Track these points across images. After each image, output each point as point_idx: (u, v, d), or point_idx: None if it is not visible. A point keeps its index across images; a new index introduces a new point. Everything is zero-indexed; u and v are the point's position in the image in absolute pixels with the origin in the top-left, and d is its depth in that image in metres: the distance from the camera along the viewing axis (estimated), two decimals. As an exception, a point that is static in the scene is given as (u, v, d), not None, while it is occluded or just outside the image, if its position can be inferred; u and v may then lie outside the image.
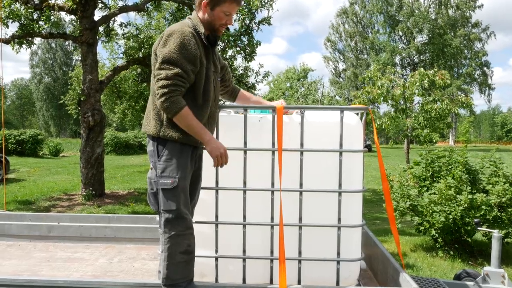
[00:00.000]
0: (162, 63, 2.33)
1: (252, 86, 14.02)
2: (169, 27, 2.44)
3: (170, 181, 2.38)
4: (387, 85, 12.70)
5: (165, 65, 2.32)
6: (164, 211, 2.42)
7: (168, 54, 2.32)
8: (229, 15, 2.49)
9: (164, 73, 2.31)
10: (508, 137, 70.24)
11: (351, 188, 2.78)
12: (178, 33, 2.35)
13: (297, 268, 2.81)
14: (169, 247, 2.43)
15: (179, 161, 2.41)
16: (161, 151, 2.42)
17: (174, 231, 2.42)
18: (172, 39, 2.34)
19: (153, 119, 2.45)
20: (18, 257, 3.65)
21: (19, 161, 19.76)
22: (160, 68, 2.34)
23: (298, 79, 40.68)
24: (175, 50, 2.32)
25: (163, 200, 2.41)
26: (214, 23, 2.48)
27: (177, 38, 2.34)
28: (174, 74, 2.30)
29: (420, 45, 42.09)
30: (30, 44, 10.23)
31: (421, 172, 6.41)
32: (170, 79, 2.30)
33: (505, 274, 3.44)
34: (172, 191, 2.39)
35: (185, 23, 2.47)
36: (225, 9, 2.45)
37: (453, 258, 5.83)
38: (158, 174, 2.41)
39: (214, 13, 2.46)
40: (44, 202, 9.92)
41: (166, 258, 2.44)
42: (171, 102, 2.30)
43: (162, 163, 2.41)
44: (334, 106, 2.83)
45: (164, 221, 2.43)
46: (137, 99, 16.97)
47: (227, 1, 2.44)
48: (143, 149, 29.97)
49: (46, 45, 60.02)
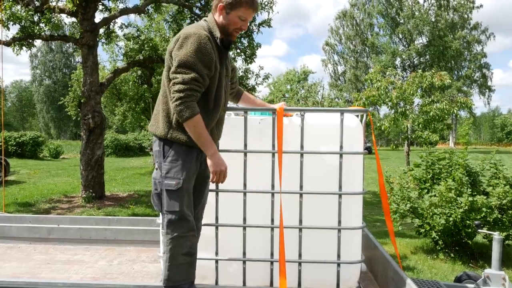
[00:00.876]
0: (178, 67, 2.31)
1: (252, 88, 14.05)
2: (185, 29, 2.42)
3: (174, 182, 2.38)
4: (385, 87, 12.73)
5: (182, 69, 2.31)
6: (168, 212, 2.42)
7: (185, 57, 2.30)
8: (244, 20, 2.48)
9: (181, 77, 2.30)
10: (508, 139, 70.20)
11: (351, 190, 2.78)
12: (194, 36, 2.33)
13: (297, 270, 2.81)
14: (171, 248, 2.43)
15: (184, 162, 2.41)
16: (167, 152, 2.42)
17: (177, 233, 2.42)
18: (188, 42, 2.33)
19: (162, 120, 2.44)
20: (18, 259, 3.64)
21: (19, 163, 19.76)
22: (176, 72, 2.32)
23: (299, 81, 40.70)
24: (191, 53, 2.31)
25: (167, 201, 2.41)
26: (229, 27, 2.46)
27: (194, 41, 2.32)
28: (190, 79, 2.29)
29: (420, 47, 42.15)
30: (30, 46, 10.24)
31: (421, 174, 6.41)
32: (187, 83, 2.29)
33: (505, 276, 3.43)
34: (176, 192, 2.39)
35: (201, 26, 2.45)
36: (240, 13, 2.44)
37: (453, 261, 5.82)
38: (163, 175, 2.41)
39: (229, 17, 2.44)
40: (44, 204, 9.91)
41: (168, 259, 2.44)
42: (186, 107, 2.29)
43: (167, 164, 2.41)
44: (334, 108, 2.83)
45: (167, 222, 2.43)
46: (138, 101, 16.99)
47: (243, 6, 2.43)
48: (143, 151, 29.98)
49: (46, 47, 60.11)
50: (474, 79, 44.36)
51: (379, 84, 12.83)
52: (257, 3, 2.52)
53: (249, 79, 14.31)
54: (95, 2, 9.80)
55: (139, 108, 17.21)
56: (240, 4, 2.42)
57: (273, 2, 11.42)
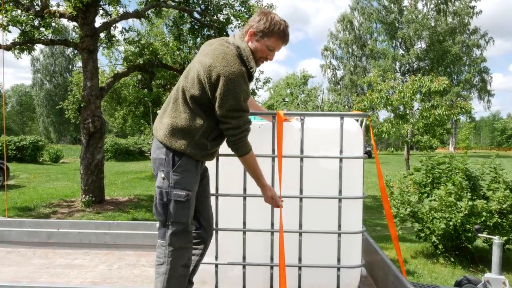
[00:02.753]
0: (228, 111, 2.29)
1: (253, 92, 14.07)
2: (224, 61, 2.28)
3: (184, 193, 2.34)
4: (385, 91, 12.77)
5: (231, 113, 2.29)
6: (174, 223, 2.37)
7: (233, 102, 2.27)
8: (272, 50, 2.43)
9: (234, 123, 2.32)
10: (508, 143, 70.21)
11: (351, 194, 2.78)
12: (237, 76, 2.27)
13: (297, 274, 2.81)
14: (172, 260, 2.38)
15: (193, 174, 2.41)
16: (176, 162, 2.36)
17: (179, 244, 2.39)
18: (234, 84, 2.26)
19: (183, 135, 2.36)
20: (18, 264, 3.63)
21: (19, 168, 19.74)
22: (227, 116, 2.30)
23: (298, 86, 40.75)
24: (238, 97, 2.28)
25: (174, 212, 2.36)
26: (256, 54, 2.42)
27: (238, 82, 2.27)
28: (243, 123, 2.34)
29: (419, 52, 42.23)
30: (30, 50, 10.27)
31: (421, 179, 6.41)
32: (240, 127, 2.34)
33: (505, 280, 3.43)
34: (183, 203, 2.36)
35: (236, 55, 2.35)
36: (269, 43, 2.39)
37: (453, 265, 5.81)
38: (171, 185, 2.35)
39: (258, 44, 2.39)
40: (44, 208, 9.90)
41: (168, 271, 2.38)
42: (240, 147, 2.39)
43: (177, 175, 2.35)
44: (334, 112, 2.84)
45: (170, 233, 2.37)
46: (137, 105, 17.02)
47: (274, 36, 2.38)
48: (143, 155, 29.95)
49: (48, 51, 60.24)
50: (473, 83, 44.41)
51: (379, 87, 12.87)
52: (288, 36, 2.44)
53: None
54: (95, 6, 9.83)
55: (139, 112, 17.24)
56: (271, 34, 2.38)
57: (273, 7, 11.46)
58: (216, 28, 10.68)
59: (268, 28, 2.36)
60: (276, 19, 2.39)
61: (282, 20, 2.41)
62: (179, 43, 12.50)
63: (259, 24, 2.38)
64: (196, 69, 2.36)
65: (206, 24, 11.06)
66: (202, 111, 2.36)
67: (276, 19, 2.39)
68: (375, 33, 45.38)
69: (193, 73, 2.36)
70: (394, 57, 41.75)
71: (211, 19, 10.95)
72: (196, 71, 2.35)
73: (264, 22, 2.37)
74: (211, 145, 2.43)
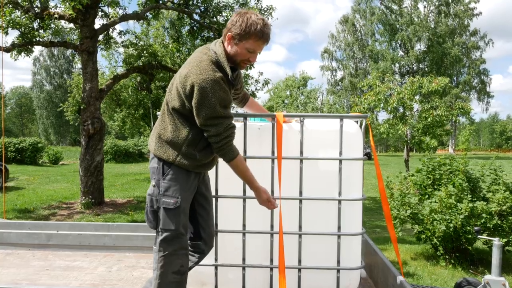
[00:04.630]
0: (206, 119, 2.27)
1: (252, 94, 14.10)
2: (197, 70, 2.26)
3: (173, 201, 2.35)
4: (384, 93, 12.78)
5: (210, 121, 2.27)
6: (163, 230, 2.38)
7: (209, 110, 2.24)
8: (253, 52, 2.36)
9: (213, 130, 2.29)
10: (508, 145, 70.32)
11: (351, 196, 2.78)
12: (211, 83, 2.22)
13: (297, 276, 2.80)
14: (162, 265, 2.39)
15: (183, 182, 2.40)
16: (166, 170, 2.39)
17: (168, 250, 2.39)
18: (207, 92, 2.22)
19: (170, 147, 2.38)
20: (17, 266, 3.63)
21: (18, 169, 19.73)
22: (206, 124, 2.28)
23: (298, 87, 40.83)
24: (214, 104, 2.24)
25: (163, 219, 2.37)
26: (236, 58, 2.37)
27: (212, 89, 2.23)
28: (224, 129, 2.30)
29: (419, 53, 42.29)
30: (29, 52, 10.27)
31: (422, 180, 6.41)
32: (220, 134, 2.30)
33: (505, 282, 3.43)
34: (173, 211, 2.36)
35: (211, 62, 2.31)
36: (248, 45, 2.32)
37: (453, 267, 5.81)
38: (161, 193, 2.37)
39: (237, 48, 2.33)
40: (43, 210, 9.89)
41: (158, 276, 2.40)
42: (225, 152, 2.35)
43: (166, 182, 2.37)
44: (334, 114, 2.83)
45: (160, 240, 2.39)
46: (137, 107, 17.04)
47: (251, 38, 2.29)
48: (143, 157, 29.97)
49: (49, 52, 60.25)
50: (472, 85, 44.48)
51: (378, 89, 12.89)
52: (268, 34, 2.34)
53: (248, 85, 14.37)
54: (95, 8, 9.84)
55: (138, 114, 17.26)
56: (249, 35, 2.29)
57: (273, 8, 11.48)
58: (216, 30, 10.70)
59: (245, 29, 2.28)
60: (253, 19, 2.29)
61: (259, 19, 2.31)
62: (178, 45, 12.52)
63: (235, 27, 2.32)
64: (175, 81, 2.38)
65: (206, 26, 11.08)
66: (186, 121, 2.36)
67: (252, 19, 2.29)
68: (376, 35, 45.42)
69: (174, 85, 2.39)
70: (393, 59, 41.79)
71: (210, 21, 10.97)
72: (176, 83, 2.36)
73: (240, 24, 2.29)
74: (200, 155, 2.40)
